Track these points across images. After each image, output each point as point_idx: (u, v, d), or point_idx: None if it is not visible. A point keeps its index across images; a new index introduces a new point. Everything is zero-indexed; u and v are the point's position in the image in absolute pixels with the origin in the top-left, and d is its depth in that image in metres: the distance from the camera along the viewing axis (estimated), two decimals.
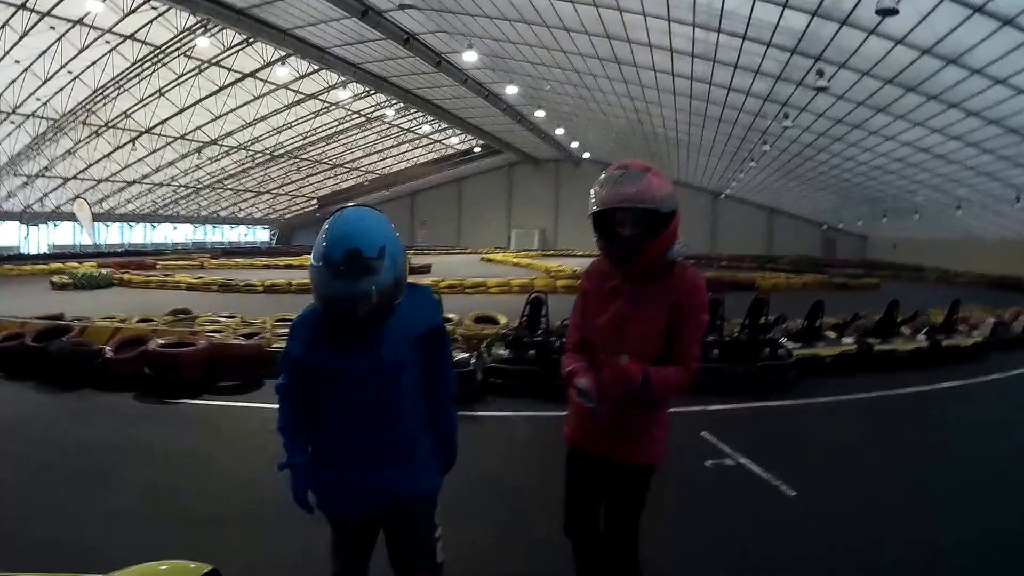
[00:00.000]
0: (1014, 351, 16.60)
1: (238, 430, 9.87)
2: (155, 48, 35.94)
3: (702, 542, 6.26)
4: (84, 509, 6.64)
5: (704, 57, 27.61)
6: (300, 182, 72.21)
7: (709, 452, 8.59)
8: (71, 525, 6.24)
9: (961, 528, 6.50)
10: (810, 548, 6.14)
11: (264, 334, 14.33)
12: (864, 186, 43.46)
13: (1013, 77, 20.93)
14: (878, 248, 60.78)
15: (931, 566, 5.74)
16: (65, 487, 7.24)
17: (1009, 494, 7.48)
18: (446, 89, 44.90)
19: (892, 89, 25.12)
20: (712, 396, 11.06)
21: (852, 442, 9.74)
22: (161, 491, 7.21)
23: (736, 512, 6.98)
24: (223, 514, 6.69)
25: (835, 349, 14.11)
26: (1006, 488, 7.70)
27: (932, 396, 12.51)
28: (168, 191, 60.13)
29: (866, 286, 35.96)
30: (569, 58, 33.77)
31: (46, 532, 6.07)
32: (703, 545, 6.19)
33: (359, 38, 34.43)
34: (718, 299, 13.53)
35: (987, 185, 33.33)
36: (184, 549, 3.32)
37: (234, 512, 6.77)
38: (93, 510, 6.63)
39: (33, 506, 6.68)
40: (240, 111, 47.04)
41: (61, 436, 9.22)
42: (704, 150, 47.80)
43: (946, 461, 8.81)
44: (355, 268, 3.05)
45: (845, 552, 6.05)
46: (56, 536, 5.99)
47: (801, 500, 7.20)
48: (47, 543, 5.82)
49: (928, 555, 5.93)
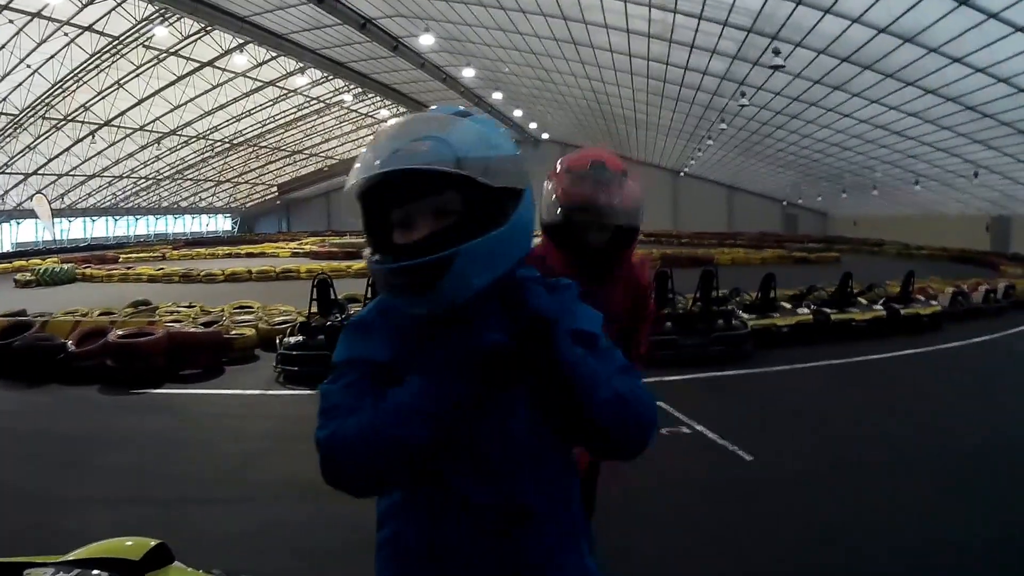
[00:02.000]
0: (974, 320, 16.98)
1: (199, 415, 10.00)
2: (113, 39, 35.49)
3: (660, 506, 6.41)
4: (51, 495, 6.72)
5: (661, 37, 27.67)
6: (260, 170, 71.61)
7: (665, 421, 8.72)
8: (39, 511, 6.31)
9: (912, 488, 6.74)
10: (767, 508, 6.33)
11: (223, 321, 14.42)
12: (823, 163, 43.85)
13: (970, 56, 21.18)
14: (839, 224, 61.52)
15: (880, 523, 5.92)
16: (32, 476, 7.32)
17: (957, 456, 7.72)
18: (404, 73, 44.75)
19: (849, 67, 25.36)
20: (668, 368, 11.26)
21: (808, 407, 10.01)
22: (126, 476, 7.32)
23: (693, 476, 7.16)
24: (186, 495, 6.81)
25: (791, 319, 14.35)
26: (955, 450, 7.95)
27: (888, 363, 12.82)
28: (128, 183, 59.42)
29: (826, 260, 36.45)
30: (526, 40, 33.79)
31: (13, 518, 6.14)
32: (661, 509, 6.35)
33: (316, 23, 34.18)
34: (665, 271, 13.73)
35: (945, 161, 33.76)
36: (148, 529, 3.41)
37: (197, 492, 6.90)
38: (60, 496, 6.71)
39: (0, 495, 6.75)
40: (199, 100, 46.54)
41: (28, 429, 9.28)
42: (663, 129, 47.97)
43: (899, 425, 9.06)
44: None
45: (801, 510, 6.25)
46: (23, 522, 6.04)
47: (758, 464, 7.38)
48: (14, 529, 5.87)
49: (879, 514, 6.12)
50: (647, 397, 1.67)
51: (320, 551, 5.57)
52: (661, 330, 12.18)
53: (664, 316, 12.62)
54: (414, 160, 1.54)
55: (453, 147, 1.55)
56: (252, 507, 6.44)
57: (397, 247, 1.61)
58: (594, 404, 1.56)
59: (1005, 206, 37.76)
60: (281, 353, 11.86)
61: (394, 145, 1.58)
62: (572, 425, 1.62)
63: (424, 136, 1.58)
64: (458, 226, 1.57)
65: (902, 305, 15.87)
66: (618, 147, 66.14)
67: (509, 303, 1.62)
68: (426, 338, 1.67)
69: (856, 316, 15.04)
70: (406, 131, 1.63)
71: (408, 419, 1.57)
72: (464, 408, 1.61)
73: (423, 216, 1.59)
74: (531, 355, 1.56)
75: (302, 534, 5.84)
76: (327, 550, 5.59)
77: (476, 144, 1.59)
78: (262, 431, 8.94)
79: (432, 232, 1.58)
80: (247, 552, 5.53)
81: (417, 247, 1.57)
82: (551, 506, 1.75)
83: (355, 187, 1.61)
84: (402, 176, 1.54)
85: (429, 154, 1.54)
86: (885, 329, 14.95)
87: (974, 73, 22.13)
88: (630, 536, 5.47)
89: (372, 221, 1.66)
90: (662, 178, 69.24)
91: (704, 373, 11.57)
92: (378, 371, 1.67)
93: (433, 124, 1.65)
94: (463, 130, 1.61)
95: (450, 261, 1.54)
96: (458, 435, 1.63)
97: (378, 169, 1.55)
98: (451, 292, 1.58)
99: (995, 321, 16.99)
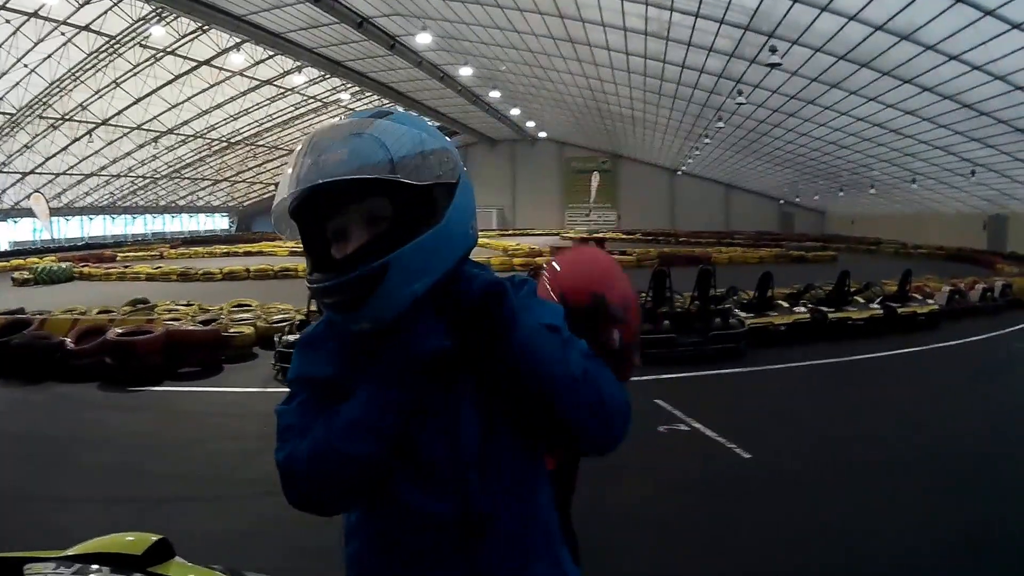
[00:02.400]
0: (970, 319, 17.02)
1: (197, 413, 10.02)
2: (110, 38, 35.47)
3: (657, 503, 6.43)
4: (46, 493, 6.73)
5: (657, 36, 27.66)
6: (257, 169, 71.54)
7: (663, 418, 8.78)
8: (34, 509, 6.32)
9: (910, 487, 6.75)
10: (765, 505, 6.35)
11: (221, 319, 14.45)
12: (820, 161, 43.80)
13: (966, 53, 21.15)
14: (836, 223, 61.57)
15: (877, 521, 5.95)
16: (29, 473, 7.34)
17: (955, 455, 7.74)
18: (401, 72, 44.69)
19: (845, 65, 25.29)
20: (666, 366, 11.29)
21: (806, 406, 10.02)
22: (121, 473, 7.34)
23: (692, 473, 7.18)
24: (181, 492, 6.83)
25: (788, 318, 14.38)
26: (952, 449, 7.97)
27: (885, 362, 12.84)
28: (126, 182, 59.38)
29: (823, 259, 36.51)
30: (523, 38, 33.78)
31: (9, 517, 6.15)
32: (660, 504, 6.37)
33: (313, 22, 34.13)
34: (664, 270, 13.78)
35: (942, 159, 33.70)
36: (142, 527, 3.42)
37: (192, 490, 6.93)
38: (55, 494, 6.72)
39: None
40: (196, 99, 46.52)
41: (25, 426, 9.30)
42: (660, 127, 48.00)
43: (896, 423, 9.07)
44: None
45: (798, 508, 6.27)
46: (18, 520, 6.05)
47: (756, 461, 7.40)
48: (8, 527, 5.87)
49: (876, 511, 6.14)
50: (618, 385, 1.60)
51: (315, 549, 5.57)
52: (659, 329, 12.21)
53: (662, 315, 12.65)
54: (336, 170, 1.44)
55: (374, 151, 1.47)
56: (247, 504, 6.45)
57: (335, 262, 1.53)
58: (557, 383, 1.50)
59: (1002, 205, 37.71)
60: (279, 351, 11.88)
61: (313, 158, 1.48)
62: (534, 413, 1.54)
63: (342, 143, 1.49)
64: (390, 233, 1.49)
65: (899, 304, 15.88)
66: (615, 146, 66.36)
67: (452, 296, 1.54)
68: (370, 350, 1.57)
69: (853, 315, 15.05)
70: (325, 141, 1.52)
71: (355, 434, 1.52)
72: (408, 416, 1.55)
73: (356, 226, 1.52)
74: (482, 339, 1.49)
75: (298, 532, 5.84)
76: (322, 548, 5.58)
77: (397, 143, 1.50)
78: (259, 429, 8.86)
79: (364, 243, 1.50)
80: (242, 550, 5.55)
81: (350, 260, 1.49)
82: (514, 514, 1.62)
83: (282, 207, 1.55)
84: (325, 189, 1.46)
85: (348, 162, 1.45)
86: (882, 328, 14.96)
87: (970, 71, 22.09)
88: (624, 533, 5.49)
89: (309, 238, 1.58)
90: (659, 176, 69.54)
91: (702, 371, 11.60)
92: (329, 388, 1.61)
93: (352, 128, 1.53)
94: (382, 131, 1.51)
95: (383, 272, 1.46)
96: (405, 444, 1.57)
97: (301, 186, 1.48)
98: (388, 304, 1.50)
99: (992, 320, 17.03)
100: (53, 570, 2.68)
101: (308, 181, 1.46)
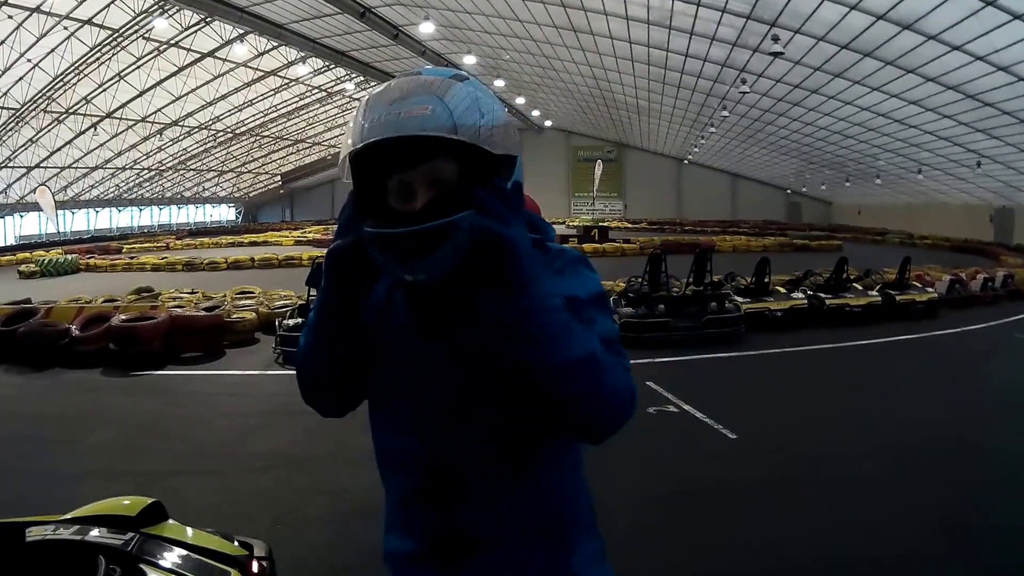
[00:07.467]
0: (970, 308, 17.05)
1: (199, 394, 10.19)
2: (113, 32, 35.53)
3: (643, 478, 6.56)
4: (50, 470, 6.89)
5: (660, 24, 27.68)
6: (263, 159, 71.51)
7: (653, 400, 8.91)
8: (39, 483, 6.49)
9: (899, 473, 6.80)
10: (747, 482, 6.48)
11: (224, 305, 14.62)
12: (826, 151, 43.73)
13: (969, 43, 21.09)
14: (843, 213, 61.43)
15: (860, 500, 6.09)
16: (32, 452, 7.50)
17: (943, 441, 7.82)
18: (405, 61, 44.66)
19: (849, 54, 25.28)
20: (660, 349, 11.40)
21: (797, 390, 10.12)
22: (120, 451, 7.55)
23: (676, 452, 7.30)
24: (178, 467, 7.03)
25: (786, 303, 14.43)
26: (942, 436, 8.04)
27: (880, 349, 12.89)
28: (131, 175, 59.38)
29: (828, 247, 36.51)
30: (526, 27, 33.84)
31: (14, 488, 6.34)
32: (644, 481, 6.50)
33: (316, 13, 34.19)
34: (659, 253, 13.87)
35: (948, 150, 33.59)
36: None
37: (189, 464, 7.13)
38: (60, 469, 6.91)
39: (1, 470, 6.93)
40: (200, 91, 46.50)
41: (29, 410, 9.45)
42: (665, 116, 47.96)
43: (886, 408, 9.14)
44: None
45: (779, 484, 6.39)
46: (20, 494, 6.21)
47: (741, 441, 7.52)
48: (8, 500, 6.02)
49: (858, 489, 6.28)
50: (624, 377, 1.53)
51: (307, 518, 5.73)
52: (654, 313, 12.32)
53: (657, 299, 12.75)
54: (424, 125, 1.41)
55: (453, 113, 1.43)
56: (245, 477, 6.62)
57: (396, 213, 1.51)
58: (560, 360, 1.43)
59: (1009, 197, 37.53)
60: (280, 335, 12.05)
61: (396, 108, 1.44)
62: (524, 386, 1.49)
63: (438, 101, 1.45)
64: (458, 192, 1.46)
65: (898, 292, 15.89)
66: (621, 135, 66.25)
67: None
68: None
69: (851, 301, 15.10)
70: (407, 93, 1.47)
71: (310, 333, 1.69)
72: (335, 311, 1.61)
73: (421, 183, 1.49)
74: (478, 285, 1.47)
75: (291, 502, 6.01)
76: (314, 517, 5.75)
77: (473, 110, 1.47)
78: (258, 408, 9.10)
79: (435, 198, 1.48)
80: (235, 517, 5.66)
81: (424, 212, 1.46)
82: (493, 481, 1.65)
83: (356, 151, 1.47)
84: (406, 142, 1.43)
85: (434, 118, 1.42)
86: (880, 315, 15.01)
87: (973, 61, 22.01)
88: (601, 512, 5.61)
89: (366, 186, 1.55)
90: (666, 166, 69.40)
91: (695, 355, 11.70)
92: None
93: (433, 87, 1.48)
94: (462, 95, 1.48)
95: (453, 227, 1.42)
96: (380, 391, 1.71)
97: (384, 134, 1.42)
98: (450, 258, 1.45)
99: (991, 309, 17.02)
100: (53, 531, 2.83)
101: (393, 131, 1.42)
